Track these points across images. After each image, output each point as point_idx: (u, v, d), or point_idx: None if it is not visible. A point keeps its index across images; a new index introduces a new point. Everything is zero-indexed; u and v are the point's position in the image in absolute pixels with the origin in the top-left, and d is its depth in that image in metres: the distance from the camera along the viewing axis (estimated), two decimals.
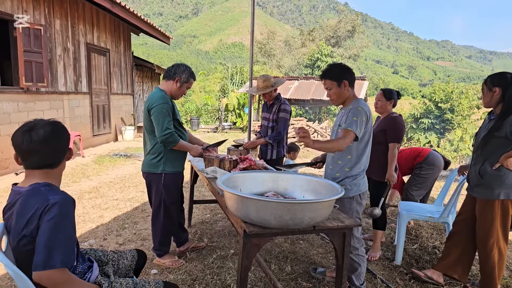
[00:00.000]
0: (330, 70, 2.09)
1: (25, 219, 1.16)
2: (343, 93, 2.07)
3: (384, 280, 2.52)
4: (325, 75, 2.10)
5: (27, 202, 1.19)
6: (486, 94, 2.28)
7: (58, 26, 6.82)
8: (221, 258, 2.75)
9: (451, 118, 17.37)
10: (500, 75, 2.25)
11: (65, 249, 1.14)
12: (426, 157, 3.55)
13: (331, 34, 36.65)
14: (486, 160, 2.25)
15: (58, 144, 1.26)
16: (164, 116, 2.30)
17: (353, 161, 2.08)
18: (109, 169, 6.12)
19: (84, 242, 3.01)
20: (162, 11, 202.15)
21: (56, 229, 1.12)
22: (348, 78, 2.06)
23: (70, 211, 1.19)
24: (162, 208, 2.50)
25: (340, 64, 2.13)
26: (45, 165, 1.25)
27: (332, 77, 2.06)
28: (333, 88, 2.07)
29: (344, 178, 2.09)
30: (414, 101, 23.06)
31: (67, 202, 1.18)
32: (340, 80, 2.05)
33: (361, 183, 2.11)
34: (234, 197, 1.57)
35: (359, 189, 2.10)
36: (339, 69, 2.08)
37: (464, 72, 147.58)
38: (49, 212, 1.13)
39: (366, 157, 2.13)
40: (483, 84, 2.32)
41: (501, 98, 2.20)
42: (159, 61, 58.80)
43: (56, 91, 6.79)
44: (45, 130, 1.23)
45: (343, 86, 2.06)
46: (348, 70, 2.09)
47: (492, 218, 2.25)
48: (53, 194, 1.18)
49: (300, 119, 12.34)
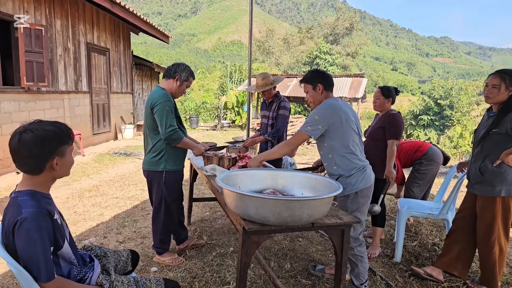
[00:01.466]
0: (308, 75, 2.25)
1: (4, 230, 1.21)
2: (318, 95, 2.20)
3: (383, 277, 2.53)
4: (303, 79, 2.27)
5: (6, 212, 1.23)
6: (502, 91, 2.17)
7: (58, 26, 6.85)
8: (221, 256, 2.77)
9: (450, 114, 17.37)
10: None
11: (47, 262, 1.16)
12: (425, 152, 3.52)
13: (329, 32, 36.63)
14: (487, 157, 2.24)
15: (40, 151, 1.20)
16: (167, 113, 2.32)
17: (336, 158, 2.09)
18: (109, 167, 6.14)
19: (84, 240, 3.03)
20: (161, 10, 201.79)
21: (31, 245, 1.14)
22: (323, 81, 2.18)
23: (41, 224, 1.16)
24: (163, 206, 2.51)
25: (318, 70, 2.30)
26: (26, 170, 1.23)
27: (308, 81, 2.22)
28: (309, 91, 2.22)
29: (338, 177, 2.10)
30: (413, 98, 23.04)
31: (38, 215, 1.17)
32: (314, 83, 2.18)
33: (357, 181, 2.07)
34: (233, 195, 1.58)
35: (356, 187, 2.07)
36: (315, 73, 2.24)
37: (463, 68, 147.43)
38: (20, 229, 1.14)
39: (354, 152, 2.07)
40: (501, 80, 2.18)
41: None
42: (158, 59, 58.72)
43: (56, 90, 6.81)
44: (34, 134, 1.19)
45: (317, 89, 2.18)
46: (324, 75, 2.23)
47: (493, 215, 2.25)
48: (28, 206, 1.17)
49: (299, 117, 12.33)
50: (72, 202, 4.15)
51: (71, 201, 4.18)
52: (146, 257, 2.71)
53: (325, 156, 2.15)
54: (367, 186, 2.12)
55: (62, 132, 1.27)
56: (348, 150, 2.08)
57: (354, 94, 11.79)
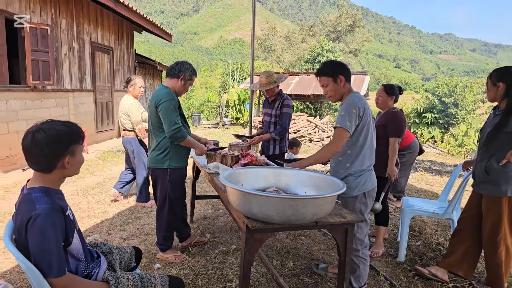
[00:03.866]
0: (325, 67, 2.08)
1: (16, 226, 1.22)
2: (340, 88, 2.05)
3: (387, 277, 2.50)
4: (320, 72, 2.09)
5: (19, 208, 1.24)
6: (490, 89, 2.25)
7: (64, 26, 6.90)
8: (223, 253, 2.78)
9: (455, 112, 17.19)
10: (504, 70, 2.22)
11: (59, 258, 1.18)
12: (409, 145, 3.97)
13: (331, 29, 36.34)
14: (492, 156, 2.21)
15: (52, 150, 1.23)
16: (172, 111, 2.35)
17: (353, 155, 2.01)
18: (113, 164, 6.19)
19: (89, 237, 3.06)
20: (164, 9, 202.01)
21: (45, 241, 1.16)
22: (344, 73, 2.04)
23: (55, 220, 1.19)
24: (167, 203, 2.53)
25: (335, 60, 2.13)
26: (38, 169, 1.26)
27: (327, 74, 2.05)
28: (329, 84, 2.05)
29: (347, 175, 2.03)
30: (417, 96, 22.85)
31: (52, 211, 1.19)
32: (335, 75, 2.03)
33: (366, 181, 2.03)
34: (237, 193, 1.58)
35: (364, 187, 2.03)
36: (334, 65, 2.07)
37: (468, 65, 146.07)
38: (33, 225, 1.16)
39: (369, 151, 2.04)
40: (488, 78, 2.28)
41: (506, 93, 2.17)
42: (161, 58, 58.83)
43: (61, 89, 6.87)
44: (46, 133, 1.22)
45: (339, 81, 2.04)
46: (343, 66, 2.08)
47: (499, 215, 2.21)
48: (41, 203, 1.19)
49: (301, 115, 12.29)
50: (76, 199, 4.18)
51: (76, 197, 4.22)
52: (149, 254, 2.73)
53: (342, 151, 2.03)
54: (374, 187, 2.10)
55: (73, 132, 1.30)
56: (368, 148, 2.03)
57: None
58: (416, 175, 6.46)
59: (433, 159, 8.86)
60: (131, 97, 3.78)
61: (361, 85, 12.16)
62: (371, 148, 2.07)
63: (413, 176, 6.27)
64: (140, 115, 3.73)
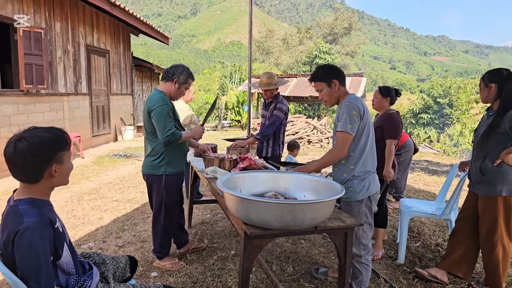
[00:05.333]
0: (319, 72, 2.08)
1: (3, 239, 1.17)
2: (335, 92, 2.04)
3: (387, 279, 2.49)
4: (314, 77, 2.09)
5: (6, 221, 1.19)
6: (483, 90, 2.30)
7: (58, 29, 6.85)
8: (222, 260, 2.74)
9: (450, 113, 17.36)
10: (496, 72, 2.27)
11: (47, 273, 1.13)
12: (404, 143, 4.12)
13: (328, 32, 36.69)
14: (487, 156, 2.24)
15: (37, 159, 1.17)
16: (165, 117, 2.31)
17: (356, 157, 2.00)
18: (109, 169, 6.12)
19: (83, 245, 3.00)
20: (161, 11, 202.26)
21: (33, 255, 1.11)
22: (338, 77, 2.03)
23: (44, 234, 1.14)
24: (163, 209, 2.49)
25: (328, 64, 2.12)
26: (23, 179, 1.20)
27: (321, 79, 2.05)
28: (324, 89, 2.05)
29: (352, 178, 2.00)
30: (413, 97, 23.05)
31: (40, 224, 1.14)
32: (329, 80, 2.02)
33: (370, 184, 2.01)
34: (234, 199, 1.56)
35: (369, 191, 2.00)
36: (327, 69, 2.06)
37: (461, 66, 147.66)
38: (21, 239, 1.11)
39: (371, 152, 2.03)
40: (481, 80, 2.33)
41: (498, 94, 2.22)
42: (158, 60, 58.77)
43: (56, 92, 6.81)
44: (29, 142, 1.15)
45: (333, 85, 2.03)
46: (337, 69, 2.07)
47: (495, 215, 2.23)
48: (29, 215, 1.14)
49: (300, 116, 12.33)
50: (71, 205, 4.11)
51: (70, 204, 4.15)
52: (146, 262, 2.68)
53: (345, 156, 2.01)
54: (377, 190, 2.09)
55: (58, 138, 1.23)
56: (370, 148, 2.02)
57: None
58: (414, 175, 6.48)
59: (430, 159, 8.89)
60: (182, 101, 4.00)
61: (358, 87, 12.23)
62: (372, 149, 2.06)
63: (410, 177, 6.28)
64: (190, 118, 4.00)
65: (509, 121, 2.11)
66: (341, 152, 1.95)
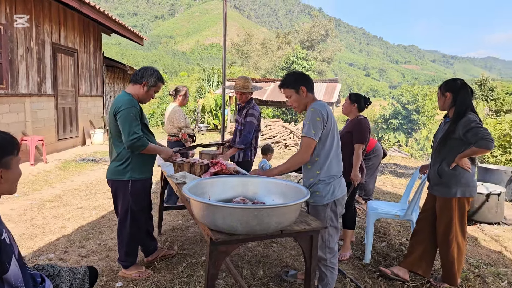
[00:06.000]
0: (287, 79, 2.13)
1: None
2: (303, 99, 2.10)
3: (353, 279, 2.57)
4: (283, 84, 2.14)
5: None
6: (440, 98, 2.47)
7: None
8: (192, 266, 2.68)
9: (417, 118, 18.32)
10: (451, 81, 2.45)
11: None
12: (373, 149, 4.32)
13: (305, 38, 37.54)
14: (444, 160, 2.39)
15: None
16: (131, 120, 2.23)
17: (322, 162, 2.03)
18: (75, 175, 5.83)
19: (42, 256, 2.82)
20: (137, 11, 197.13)
21: None
22: (305, 84, 2.09)
23: None
24: (129, 216, 2.40)
25: (296, 72, 2.18)
26: None
27: (289, 85, 2.10)
28: (293, 95, 2.10)
29: (318, 183, 2.03)
30: (385, 102, 24.07)
31: None
32: (297, 87, 2.08)
33: (335, 188, 2.05)
34: (199, 205, 1.54)
35: (334, 195, 2.04)
36: (295, 76, 2.13)
37: (429, 75, 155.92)
38: None
39: (336, 158, 2.08)
40: (438, 89, 2.51)
41: (453, 102, 2.39)
42: (134, 61, 57.07)
43: (17, 93, 6.41)
44: None
45: (301, 92, 2.08)
46: (305, 77, 2.13)
47: (451, 215, 2.38)
48: None
49: (277, 120, 12.46)
50: (30, 214, 3.86)
51: (29, 213, 3.89)
52: (111, 272, 2.57)
53: (311, 160, 2.06)
54: (343, 194, 2.13)
55: (5, 141, 1.16)
56: (335, 153, 2.07)
57: (329, 99, 12.15)
58: (382, 178, 6.72)
59: (398, 163, 9.28)
60: (176, 104, 4.11)
61: (332, 93, 12.58)
62: (338, 154, 2.11)
63: (379, 179, 6.51)
64: (184, 121, 4.06)
65: (463, 128, 2.26)
66: (304, 157, 2.00)
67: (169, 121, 4.09)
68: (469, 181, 2.34)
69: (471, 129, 2.21)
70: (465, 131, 2.24)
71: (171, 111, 4.09)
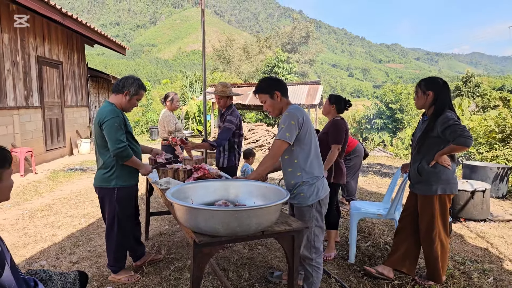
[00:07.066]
0: (261, 84, 2.17)
1: None
2: (277, 103, 2.13)
3: (338, 279, 2.60)
4: (257, 90, 2.18)
5: None
6: (420, 97, 2.44)
7: (6, 40, 6.48)
8: (179, 270, 2.74)
9: (401, 117, 18.64)
10: (433, 80, 2.42)
11: None
12: (353, 149, 4.41)
13: (287, 41, 37.72)
14: (423, 158, 2.39)
15: None
16: (116, 129, 2.30)
17: (301, 164, 2.05)
18: (64, 184, 5.81)
19: (34, 263, 2.85)
20: (119, 21, 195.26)
21: None
22: (280, 89, 2.12)
23: None
24: (116, 222, 2.46)
25: (270, 77, 2.22)
26: None
27: (263, 91, 2.13)
28: (267, 100, 2.13)
29: (302, 184, 2.05)
30: (368, 102, 24.33)
31: None
32: (271, 92, 2.11)
33: (319, 189, 2.07)
34: (183, 208, 1.60)
35: (318, 195, 2.06)
36: (269, 82, 2.16)
37: (413, 73, 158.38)
38: None
39: (316, 159, 2.10)
40: (417, 87, 2.46)
41: (434, 101, 2.37)
42: (117, 70, 56.30)
43: (5, 106, 6.40)
44: None
45: (275, 97, 2.12)
46: (279, 82, 2.17)
47: (432, 213, 2.38)
48: None
49: (260, 124, 12.54)
50: (22, 223, 3.88)
51: (21, 222, 3.91)
52: (101, 277, 2.62)
53: (289, 162, 2.09)
54: (327, 194, 2.15)
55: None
56: (314, 154, 2.10)
57: (311, 101, 12.12)
58: (367, 178, 6.82)
59: (383, 162, 9.43)
60: (167, 110, 4.36)
61: (314, 95, 12.62)
62: (317, 155, 2.12)
63: (364, 180, 6.62)
64: (174, 125, 4.29)
65: (441, 125, 2.25)
66: (273, 158, 2.04)
67: (161, 126, 4.34)
68: (449, 178, 2.35)
69: (449, 126, 2.20)
70: (443, 129, 2.24)
71: (162, 117, 4.32)
